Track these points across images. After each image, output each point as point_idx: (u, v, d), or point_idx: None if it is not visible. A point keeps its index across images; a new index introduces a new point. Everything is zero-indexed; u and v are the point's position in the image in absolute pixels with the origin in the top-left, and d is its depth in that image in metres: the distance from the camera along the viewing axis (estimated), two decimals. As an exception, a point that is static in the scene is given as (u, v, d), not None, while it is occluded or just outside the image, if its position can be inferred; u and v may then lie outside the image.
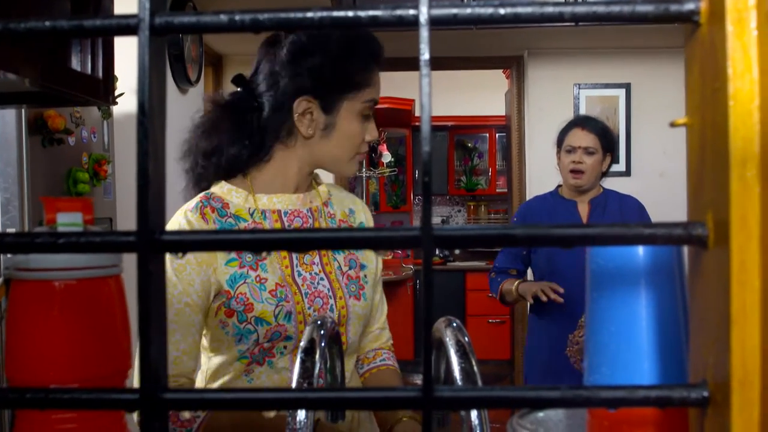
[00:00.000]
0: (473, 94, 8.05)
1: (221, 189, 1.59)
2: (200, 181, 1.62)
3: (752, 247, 0.41)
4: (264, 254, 1.51)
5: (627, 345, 0.54)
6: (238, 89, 1.63)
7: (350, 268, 1.64)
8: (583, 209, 3.23)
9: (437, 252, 8.21)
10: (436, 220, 8.70)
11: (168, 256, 1.16)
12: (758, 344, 0.41)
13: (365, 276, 1.66)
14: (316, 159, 1.61)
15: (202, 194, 1.58)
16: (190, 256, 1.46)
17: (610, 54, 5.35)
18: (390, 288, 6.85)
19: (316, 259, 1.59)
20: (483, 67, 5.84)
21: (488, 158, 8.58)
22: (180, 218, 1.53)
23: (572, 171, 3.16)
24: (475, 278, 7.79)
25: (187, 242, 0.44)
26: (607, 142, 3.20)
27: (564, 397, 0.43)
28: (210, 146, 1.59)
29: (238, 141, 1.59)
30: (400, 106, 6.98)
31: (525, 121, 5.46)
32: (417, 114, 7.86)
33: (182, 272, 1.46)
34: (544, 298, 2.94)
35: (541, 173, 5.29)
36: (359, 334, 1.65)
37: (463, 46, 5.14)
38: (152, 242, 0.43)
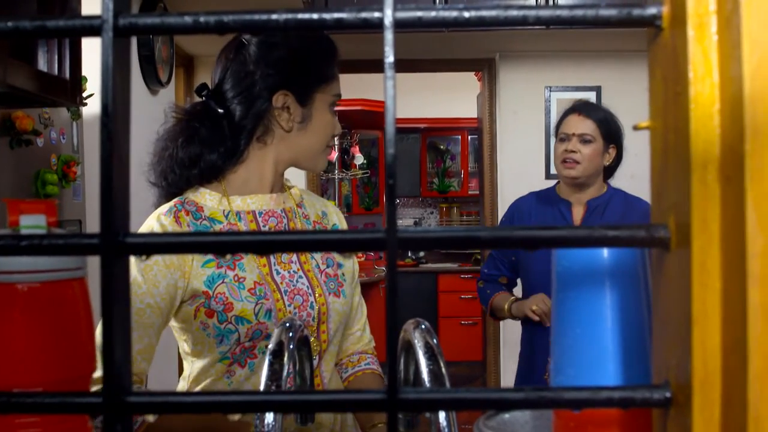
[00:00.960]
0: (445, 96, 8.06)
1: (195, 193, 1.59)
2: (170, 188, 1.61)
3: (713, 249, 0.41)
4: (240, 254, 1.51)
5: (592, 346, 0.55)
6: (203, 98, 1.62)
7: (328, 266, 1.65)
8: (578, 212, 2.79)
9: (410, 254, 8.22)
10: (408, 222, 8.71)
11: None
12: (719, 345, 0.42)
13: (343, 274, 1.68)
14: (292, 154, 1.63)
15: (176, 199, 1.58)
16: (159, 258, 1.45)
17: (581, 57, 5.39)
18: (362, 290, 6.83)
19: (294, 258, 1.60)
20: (455, 70, 5.86)
21: (460, 160, 8.60)
22: (153, 222, 1.53)
23: (564, 161, 2.73)
24: (447, 280, 7.81)
25: (151, 245, 0.43)
26: (610, 131, 2.75)
27: (528, 398, 0.43)
28: (188, 156, 1.58)
29: (214, 149, 1.59)
30: (373, 108, 6.98)
31: (497, 123, 5.47)
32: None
33: (148, 272, 1.46)
34: (535, 318, 2.64)
35: (513, 175, 5.31)
36: (339, 333, 1.65)
37: (434, 49, 5.15)
38: (116, 245, 0.43)
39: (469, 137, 8.44)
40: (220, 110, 1.59)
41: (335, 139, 1.67)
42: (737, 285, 0.40)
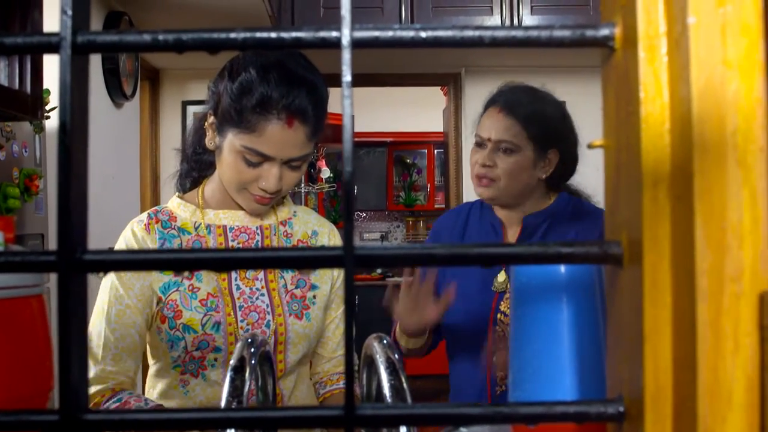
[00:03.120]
0: (412, 111, 8.08)
1: (173, 203, 1.65)
2: (182, 175, 1.73)
3: (664, 265, 0.42)
4: None
5: (549, 361, 0.55)
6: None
7: (297, 287, 1.64)
8: (513, 234, 2.00)
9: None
10: (374, 235, 8.71)
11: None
12: (670, 360, 0.43)
13: (314, 296, 1.65)
14: (220, 176, 1.63)
15: (153, 207, 1.66)
16: None
17: (546, 72, 5.43)
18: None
19: (261, 275, 1.60)
20: (420, 84, 5.88)
21: (427, 174, 8.63)
22: (127, 229, 1.60)
23: (477, 176, 1.93)
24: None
25: (108, 262, 0.43)
26: (545, 133, 1.91)
27: (485, 413, 0.44)
28: (183, 147, 1.72)
29: (195, 151, 1.68)
30: (339, 122, 6.97)
31: (462, 137, 5.50)
32: (356, 129, 7.88)
33: (123, 276, 1.53)
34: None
35: (479, 189, 5.33)
36: (302, 355, 1.63)
37: (400, 63, 5.17)
38: (73, 262, 0.42)
39: (436, 151, 8.47)
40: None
41: (260, 190, 1.54)
42: (687, 301, 0.41)
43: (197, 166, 1.69)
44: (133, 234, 1.58)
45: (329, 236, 1.77)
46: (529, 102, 1.95)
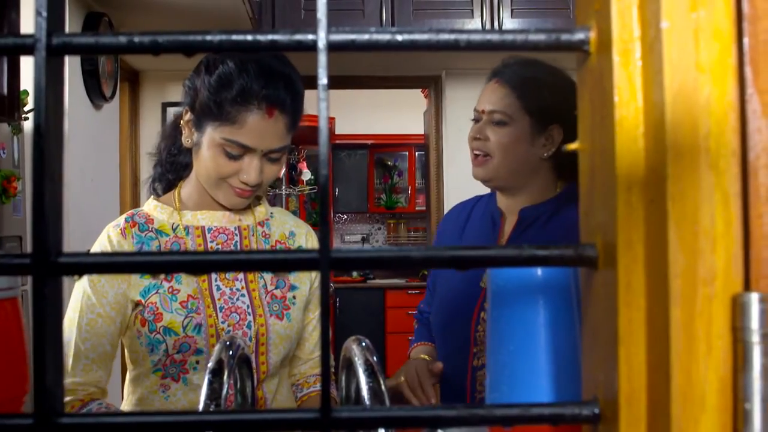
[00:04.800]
0: (393, 113, 8.09)
1: (149, 206, 1.64)
2: (156, 179, 1.73)
3: (637, 268, 0.43)
4: None
5: (525, 363, 0.55)
6: None
7: (276, 288, 1.64)
8: (509, 225, 1.84)
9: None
10: (355, 237, 8.71)
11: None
12: (644, 362, 0.43)
13: (294, 297, 1.66)
14: (198, 174, 1.62)
15: (130, 211, 1.64)
16: None
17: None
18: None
19: (240, 276, 1.60)
20: (401, 87, 5.88)
21: (408, 176, 8.63)
22: (103, 234, 1.59)
23: (473, 153, 1.80)
24: (394, 296, 7.80)
25: (83, 264, 0.43)
26: (541, 103, 1.74)
27: (460, 415, 0.44)
28: (156, 151, 1.72)
29: (170, 153, 1.68)
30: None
31: (443, 140, 5.51)
32: (337, 132, 7.88)
33: (96, 284, 1.51)
34: (410, 398, 1.80)
35: (459, 191, 5.34)
36: (283, 356, 1.63)
37: (380, 66, 5.17)
38: (48, 265, 0.42)
39: (417, 153, 8.47)
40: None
41: (240, 182, 1.54)
42: (660, 304, 0.41)
43: (172, 168, 1.69)
44: (108, 239, 1.57)
45: (306, 237, 1.77)
46: (529, 72, 1.79)
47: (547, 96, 1.73)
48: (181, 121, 1.59)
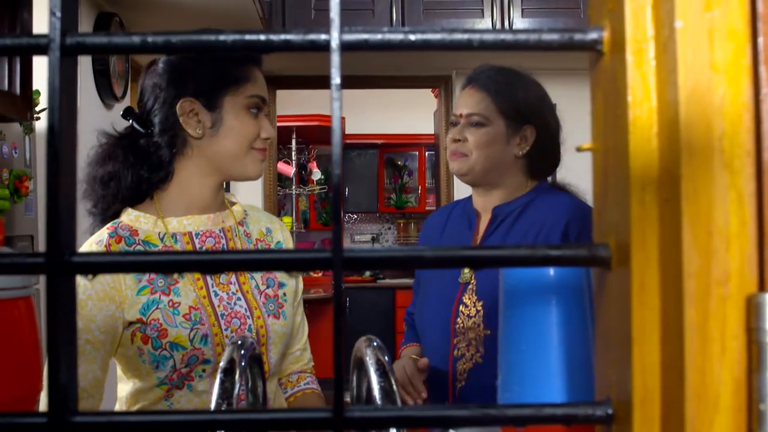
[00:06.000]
0: (403, 113, 8.09)
1: (129, 217, 1.58)
2: (105, 212, 1.61)
3: (651, 268, 0.42)
4: (176, 278, 1.50)
5: (537, 363, 0.55)
6: (128, 120, 1.63)
7: (268, 287, 1.63)
8: (483, 223, 1.97)
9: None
10: (365, 237, 8.71)
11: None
12: (658, 362, 0.43)
13: (284, 294, 1.65)
14: (212, 162, 1.59)
15: (110, 224, 1.57)
16: (92, 292, 1.44)
17: (539, 75, 5.43)
18: (320, 305, 6.82)
19: (233, 279, 1.59)
20: (411, 86, 5.88)
21: (418, 176, 8.63)
22: (84, 249, 1.52)
23: (451, 153, 1.95)
24: (405, 295, 7.80)
25: (97, 264, 0.43)
26: (516, 106, 1.89)
27: (472, 415, 0.44)
28: (105, 172, 1.59)
29: (134, 167, 1.59)
30: (330, 124, 6.98)
31: (453, 139, 5.51)
32: (348, 131, 7.88)
33: (84, 308, 1.45)
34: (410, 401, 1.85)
35: (469, 192, 5.33)
36: (281, 354, 1.63)
37: (391, 65, 5.17)
38: (61, 264, 0.42)
39: (427, 153, 8.47)
40: (141, 129, 1.59)
41: (263, 141, 1.60)
42: (674, 304, 0.41)
43: (147, 177, 1.60)
44: None
45: (282, 232, 1.78)
46: (501, 77, 1.94)
47: (520, 99, 1.90)
48: (180, 117, 1.55)
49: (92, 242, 1.54)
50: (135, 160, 1.59)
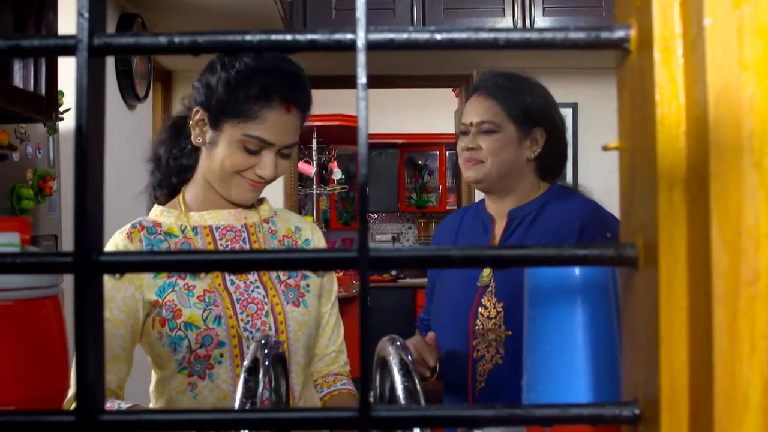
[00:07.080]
0: (424, 112, 8.08)
1: (154, 213, 1.67)
2: (155, 186, 1.73)
3: (679, 268, 0.42)
4: None
5: (563, 363, 0.55)
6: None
7: (289, 277, 1.66)
8: (499, 227, 1.99)
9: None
10: (386, 237, 8.72)
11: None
12: (686, 363, 0.42)
13: (307, 285, 1.68)
14: (206, 171, 1.64)
15: (136, 219, 1.66)
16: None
17: (558, 74, 5.42)
18: (340, 305, 6.83)
19: None
20: (432, 86, 5.87)
21: (438, 176, 8.63)
22: (110, 243, 1.61)
23: (464, 161, 1.95)
24: (425, 295, 7.80)
25: (124, 263, 0.43)
26: (526, 111, 1.92)
27: (499, 415, 0.44)
28: (154, 157, 1.73)
29: (172, 157, 1.70)
30: (351, 123, 7.00)
31: (474, 139, 5.50)
32: (368, 131, 7.86)
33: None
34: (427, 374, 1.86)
35: (490, 191, 5.32)
36: (304, 345, 1.64)
37: (411, 65, 5.17)
38: (89, 263, 0.43)
39: (447, 153, 8.47)
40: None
41: (256, 175, 1.59)
42: (703, 304, 0.41)
43: (176, 171, 1.70)
44: (115, 246, 1.59)
45: (312, 232, 1.80)
46: (507, 83, 1.95)
47: (528, 102, 1.92)
48: (191, 121, 1.61)
49: (117, 233, 1.62)
50: (173, 151, 1.69)
